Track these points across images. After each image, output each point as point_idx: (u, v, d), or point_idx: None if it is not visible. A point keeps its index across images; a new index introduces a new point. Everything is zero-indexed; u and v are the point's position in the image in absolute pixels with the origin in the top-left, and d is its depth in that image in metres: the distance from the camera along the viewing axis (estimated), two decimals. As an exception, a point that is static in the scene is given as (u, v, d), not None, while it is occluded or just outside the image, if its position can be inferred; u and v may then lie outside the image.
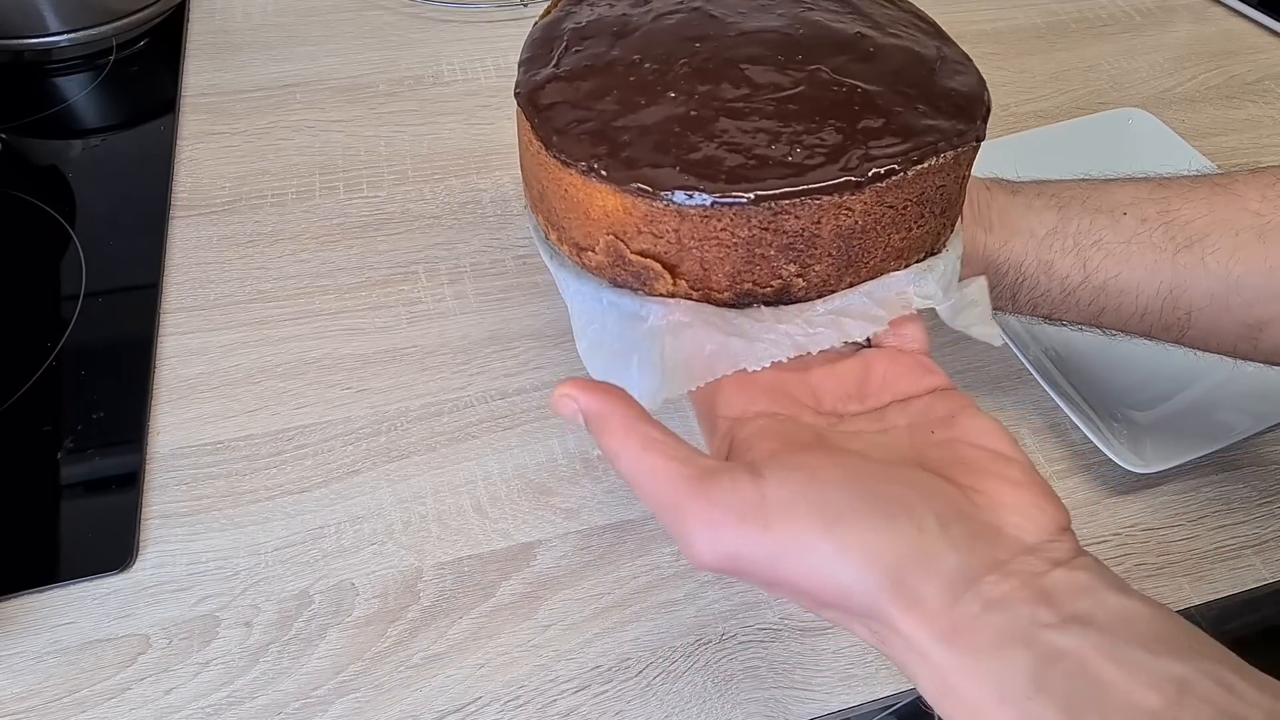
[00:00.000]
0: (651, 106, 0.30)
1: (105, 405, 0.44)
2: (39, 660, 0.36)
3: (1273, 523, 0.43)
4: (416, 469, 0.42)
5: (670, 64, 0.31)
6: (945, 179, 0.30)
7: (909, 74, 0.32)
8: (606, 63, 0.31)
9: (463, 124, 0.60)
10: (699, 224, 0.28)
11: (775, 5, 0.34)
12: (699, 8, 0.34)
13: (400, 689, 0.36)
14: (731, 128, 0.29)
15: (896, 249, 0.30)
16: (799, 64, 0.31)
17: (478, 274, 0.51)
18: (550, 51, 0.33)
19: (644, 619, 0.38)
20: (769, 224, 0.28)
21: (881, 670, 0.37)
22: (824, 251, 0.29)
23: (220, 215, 0.53)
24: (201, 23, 0.66)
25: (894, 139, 0.29)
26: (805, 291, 0.30)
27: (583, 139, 0.29)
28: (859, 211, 0.28)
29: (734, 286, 0.30)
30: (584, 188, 0.29)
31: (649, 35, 0.32)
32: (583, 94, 0.30)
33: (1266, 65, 0.69)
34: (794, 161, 0.28)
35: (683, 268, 0.29)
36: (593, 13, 0.34)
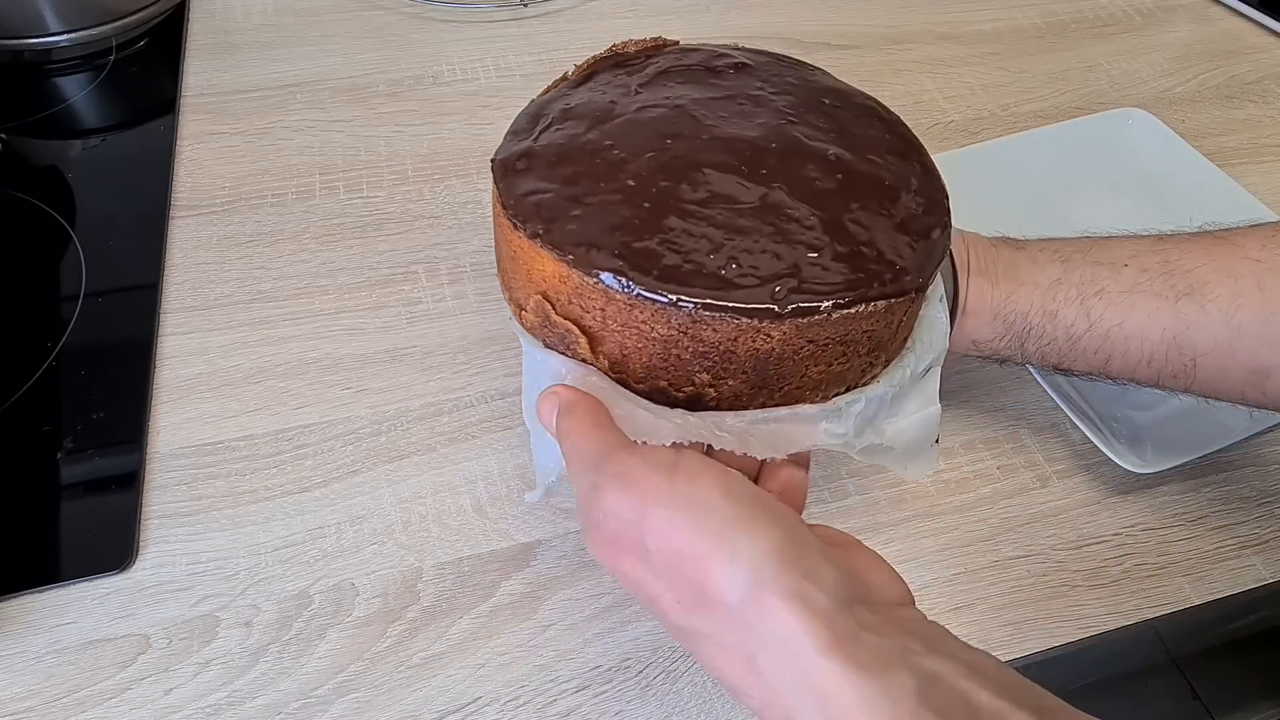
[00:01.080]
0: (610, 192, 0.31)
1: (105, 405, 0.44)
2: (39, 660, 0.36)
3: (1273, 523, 0.43)
4: (416, 469, 0.42)
5: (639, 155, 0.32)
6: (875, 324, 0.30)
7: (870, 207, 0.32)
8: (580, 145, 0.33)
9: (463, 124, 0.60)
10: (623, 309, 0.28)
11: (758, 114, 0.35)
12: (682, 106, 0.34)
13: (400, 689, 0.36)
14: (679, 228, 0.29)
15: (814, 380, 0.31)
16: (762, 178, 0.32)
17: (478, 274, 0.51)
18: (535, 127, 0.34)
19: (644, 619, 0.38)
20: (687, 329, 0.28)
21: (881, 670, 0.37)
22: (738, 369, 0.29)
23: (220, 215, 0.53)
24: (201, 23, 0.66)
25: (829, 277, 0.29)
26: (716, 403, 0.30)
27: (536, 207, 0.30)
28: (777, 339, 0.28)
29: (649, 379, 0.30)
30: (528, 250, 0.30)
31: (628, 125, 0.33)
32: (550, 169, 0.32)
33: (1266, 65, 0.69)
34: (725, 276, 0.28)
35: (604, 346, 0.30)
36: (586, 96, 0.35)
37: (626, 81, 0.36)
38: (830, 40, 0.68)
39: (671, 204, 0.30)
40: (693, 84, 0.36)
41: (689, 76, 0.36)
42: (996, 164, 0.56)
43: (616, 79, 0.36)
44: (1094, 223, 0.54)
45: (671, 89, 0.36)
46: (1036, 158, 0.56)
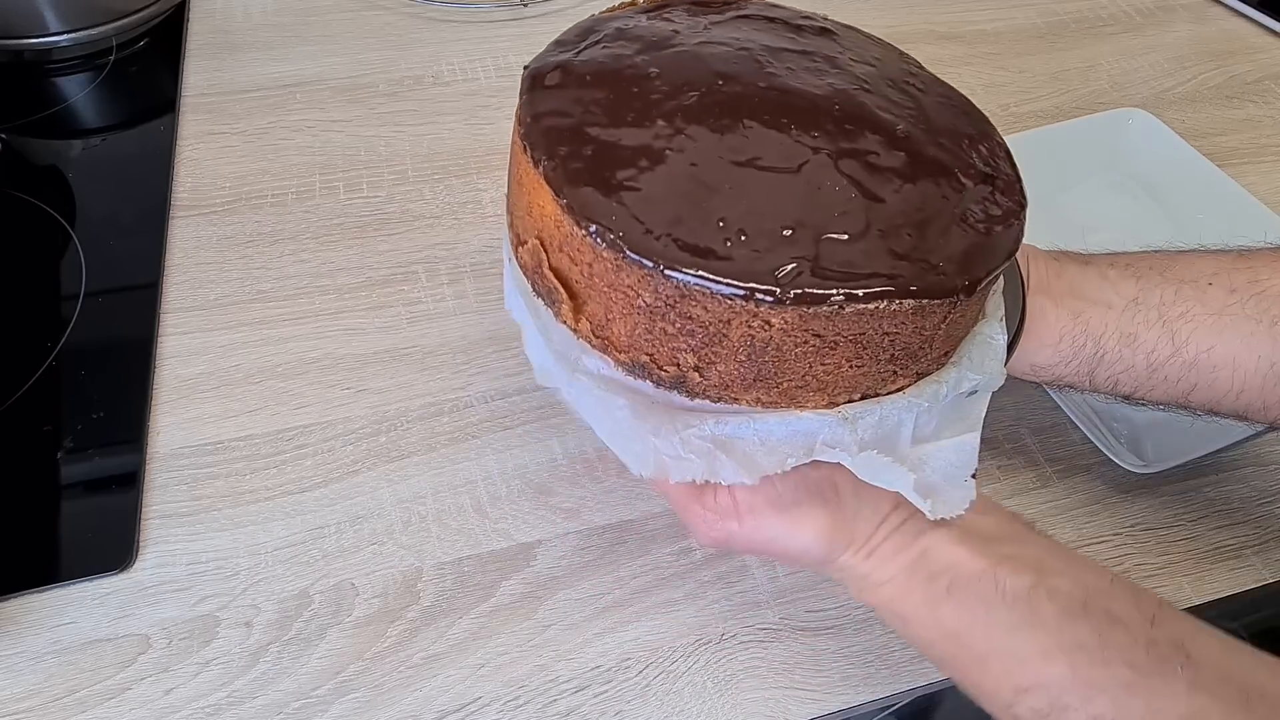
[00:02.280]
0: (634, 128, 0.27)
1: (105, 405, 0.44)
2: (39, 660, 0.36)
3: (1273, 523, 0.43)
4: (416, 469, 0.42)
5: (680, 92, 0.28)
6: (899, 327, 0.26)
7: (929, 194, 0.28)
8: (621, 67, 0.29)
9: (463, 124, 0.60)
10: (610, 269, 0.26)
11: (830, 74, 0.31)
12: (749, 50, 0.31)
13: (400, 689, 0.36)
14: (695, 183, 0.26)
15: (820, 381, 0.27)
16: (811, 142, 0.28)
17: (478, 274, 0.51)
18: (583, 40, 0.31)
19: (644, 619, 0.38)
20: (674, 302, 0.25)
21: (882, 670, 0.37)
22: (729, 354, 0.26)
23: (220, 215, 0.53)
24: (201, 23, 0.66)
25: (852, 263, 0.25)
26: (703, 390, 0.27)
27: (551, 133, 0.27)
28: (777, 327, 0.25)
29: (632, 349, 0.27)
30: (532, 179, 0.27)
31: (682, 56, 0.30)
32: (580, 89, 0.29)
33: (1266, 65, 0.69)
34: (729, 246, 0.25)
35: (589, 306, 0.27)
36: (649, 21, 0.32)
37: (698, 20, 0.33)
38: (830, 40, 0.68)
39: (698, 153, 0.27)
40: (770, 33, 0.32)
41: (769, 26, 0.33)
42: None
43: (690, 14, 0.33)
44: (1094, 223, 0.54)
45: (745, 32, 0.32)
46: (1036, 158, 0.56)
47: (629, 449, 0.28)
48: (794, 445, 0.28)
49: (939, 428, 0.29)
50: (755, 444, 0.27)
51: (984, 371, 0.30)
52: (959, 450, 0.29)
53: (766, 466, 0.27)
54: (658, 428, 0.27)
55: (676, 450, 0.27)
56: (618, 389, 0.28)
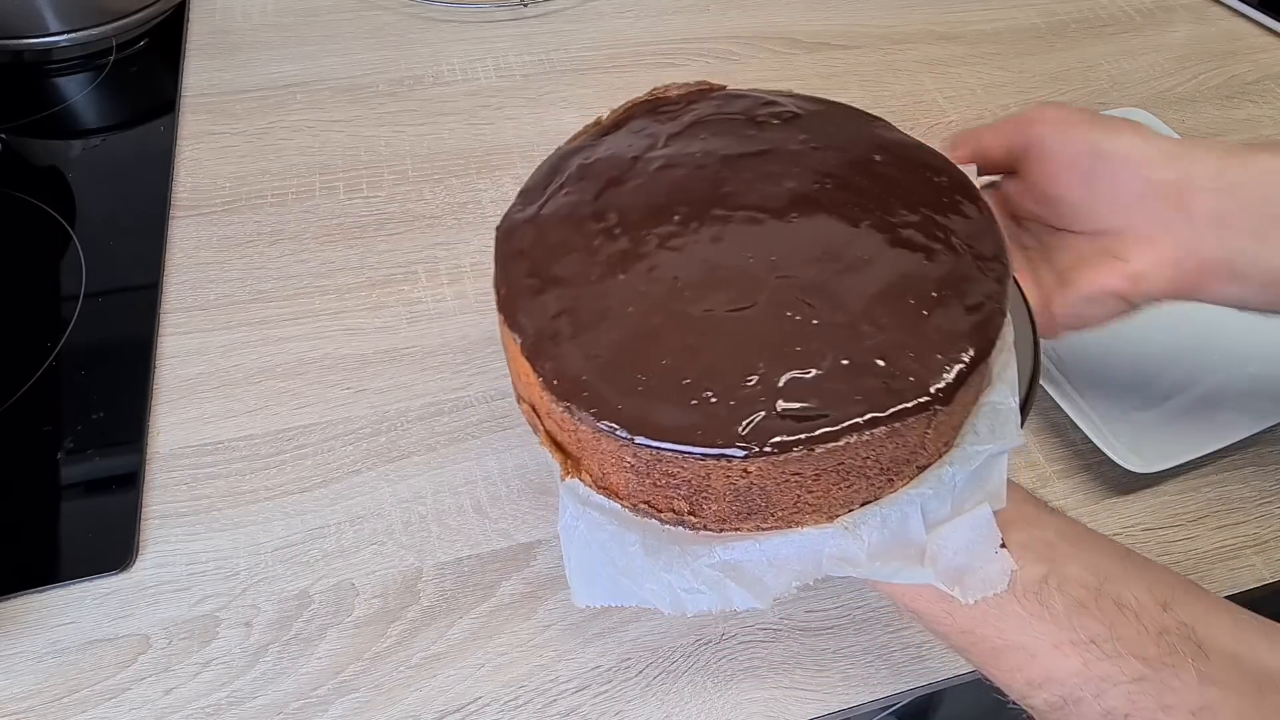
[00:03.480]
0: (598, 285, 0.28)
1: (105, 405, 0.44)
2: (39, 660, 0.36)
3: (1273, 523, 0.43)
4: (416, 469, 0.42)
5: (640, 238, 0.29)
6: (876, 450, 0.25)
7: (898, 300, 0.27)
8: (583, 217, 0.30)
9: (463, 124, 0.60)
10: (590, 437, 0.26)
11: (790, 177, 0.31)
12: (706, 167, 0.31)
13: (400, 689, 0.36)
14: (659, 340, 0.26)
15: (812, 505, 0.27)
16: (771, 267, 0.28)
17: (478, 274, 0.51)
18: (547, 186, 0.32)
19: (644, 619, 0.38)
20: (653, 464, 0.26)
21: (882, 670, 0.37)
22: (717, 498, 0.26)
23: (220, 215, 0.53)
24: (201, 23, 0.66)
25: (817, 402, 0.25)
26: (703, 526, 0.28)
27: (523, 304, 0.28)
28: (754, 474, 0.25)
29: (632, 498, 0.28)
30: (514, 349, 0.28)
31: (640, 192, 0.31)
32: (545, 250, 0.29)
33: (1266, 65, 0.69)
34: (694, 405, 0.25)
35: (585, 463, 0.28)
36: (610, 148, 0.33)
37: (657, 131, 0.33)
38: (831, 40, 0.68)
39: (661, 305, 0.27)
40: (728, 136, 0.33)
41: (726, 127, 0.33)
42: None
43: (649, 127, 0.33)
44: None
45: (702, 142, 0.32)
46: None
47: (644, 586, 0.28)
48: (801, 562, 0.27)
49: (957, 506, 0.28)
50: (764, 565, 0.27)
51: (995, 440, 0.28)
52: (974, 526, 0.27)
53: (775, 588, 0.27)
54: (670, 563, 0.28)
55: (690, 584, 0.27)
56: (629, 524, 0.28)
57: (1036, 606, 0.27)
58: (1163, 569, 0.28)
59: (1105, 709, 0.25)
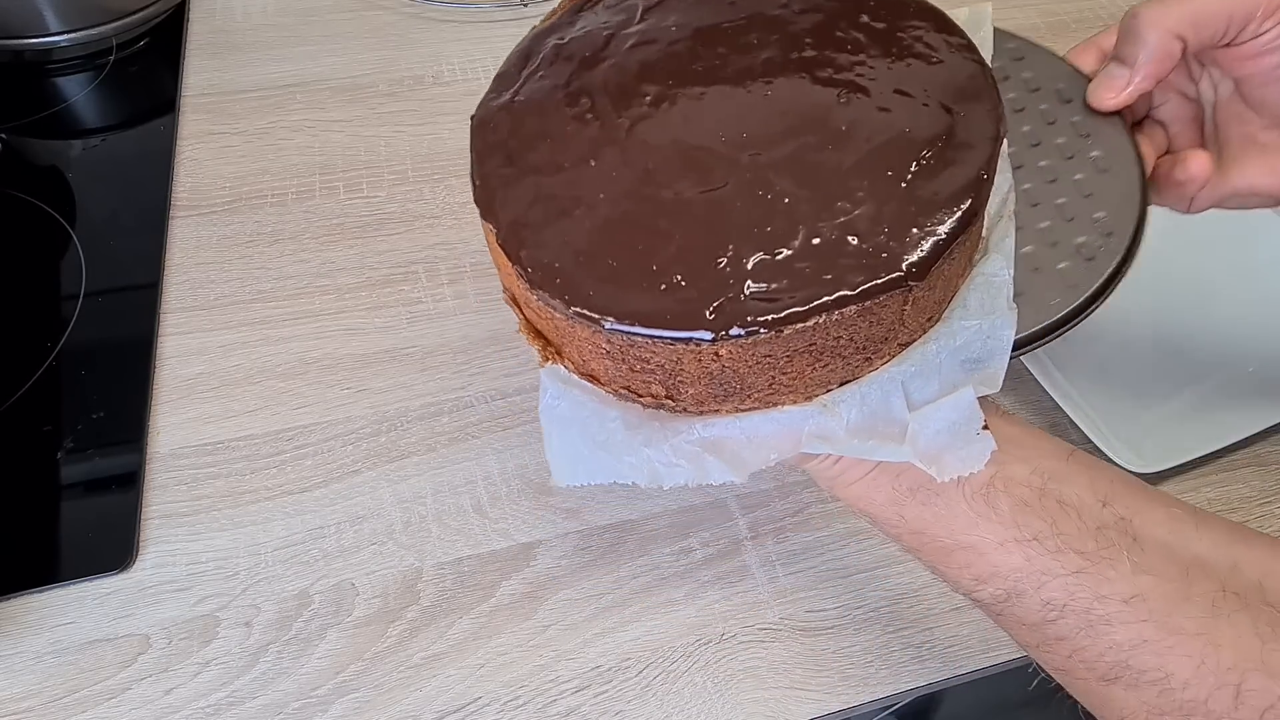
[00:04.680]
0: (572, 172, 0.28)
1: (105, 405, 0.44)
2: (39, 660, 0.36)
3: (1273, 523, 0.43)
4: (416, 469, 0.42)
5: (613, 120, 0.29)
6: (847, 329, 0.25)
7: (877, 170, 0.26)
8: (557, 101, 0.30)
9: (463, 124, 0.59)
10: (565, 324, 0.26)
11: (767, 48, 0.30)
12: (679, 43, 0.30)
13: (400, 689, 0.36)
14: (632, 222, 0.26)
15: (788, 386, 0.27)
16: (744, 145, 0.27)
17: (478, 274, 0.51)
18: (521, 70, 0.31)
19: (644, 619, 0.38)
20: (627, 349, 0.26)
21: (882, 670, 0.37)
22: (692, 381, 0.26)
23: (220, 215, 0.53)
24: (201, 23, 0.66)
25: (786, 283, 0.24)
26: (682, 409, 0.28)
27: (497, 194, 0.28)
28: (725, 358, 0.25)
29: (612, 383, 0.28)
30: (491, 240, 0.28)
31: (613, 72, 0.30)
32: (519, 136, 0.29)
33: (1266, 65, 0.69)
34: (664, 289, 0.25)
35: (566, 350, 0.28)
36: (585, 25, 0.32)
37: (634, 4, 0.32)
38: (830, 40, 0.68)
39: (633, 190, 0.27)
40: (705, 6, 0.31)
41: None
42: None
43: (625, 1, 0.32)
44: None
45: (678, 14, 0.31)
46: (1036, 158, 0.56)
47: (623, 460, 0.28)
48: (779, 439, 0.28)
49: (945, 385, 0.28)
50: (743, 442, 0.28)
51: (985, 315, 0.27)
52: (956, 406, 0.27)
53: (753, 463, 0.28)
54: (650, 438, 0.28)
55: (668, 458, 0.28)
56: (611, 404, 0.29)
57: (984, 506, 0.28)
58: (1105, 466, 0.29)
59: (1045, 600, 0.27)
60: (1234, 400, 0.45)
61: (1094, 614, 0.26)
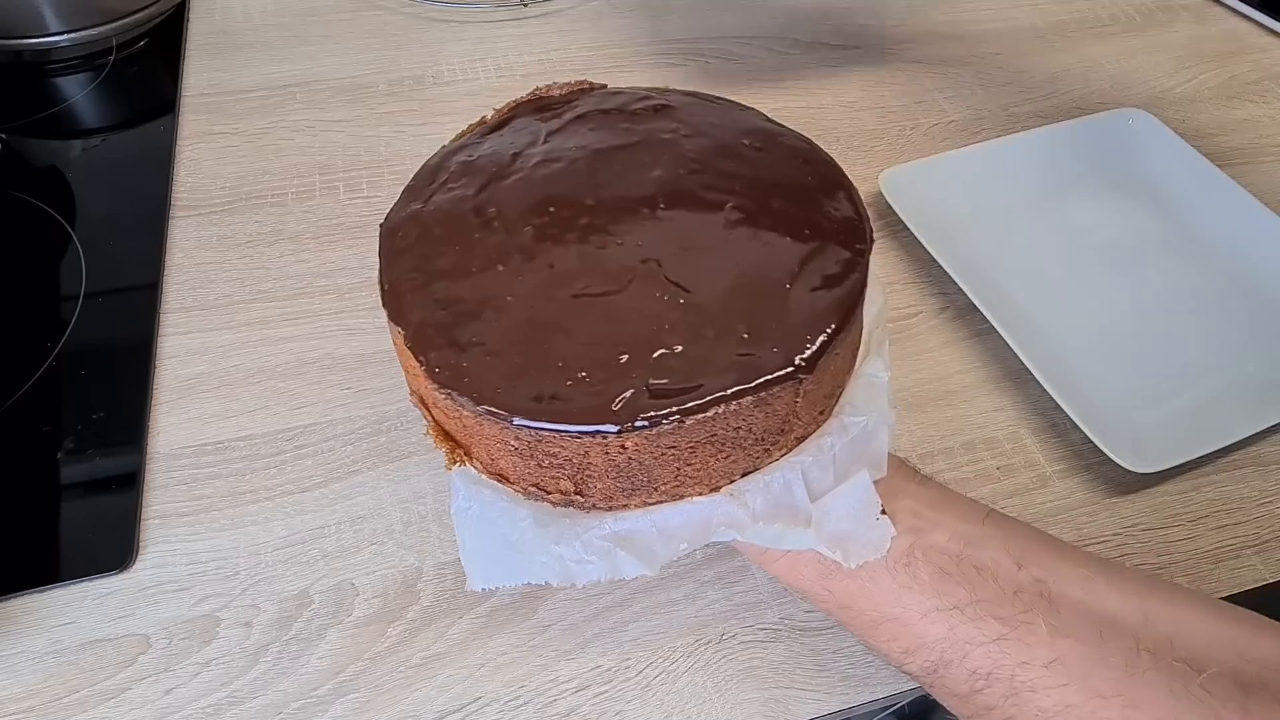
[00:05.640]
0: (477, 277, 0.29)
1: (105, 405, 0.44)
2: (39, 660, 0.36)
3: (1273, 523, 0.43)
4: (416, 469, 0.42)
5: (516, 230, 0.30)
6: (745, 420, 0.26)
7: (762, 274, 0.28)
8: (464, 212, 0.31)
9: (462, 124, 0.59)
10: (473, 421, 0.27)
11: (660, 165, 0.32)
12: (580, 161, 0.32)
13: (400, 689, 0.36)
14: (536, 323, 0.27)
15: (693, 477, 0.27)
16: (638, 250, 0.29)
17: (478, 274, 0.51)
18: (430, 184, 0.33)
19: (644, 619, 0.38)
20: (535, 445, 0.26)
21: (882, 670, 0.37)
22: (600, 474, 0.27)
23: (220, 215, 0.53)
24: (201, 23, 0.66)
25: (683, 375, 0.26)
26: (592, 505, 0.28)
27: (405, 298, 0.29)
28: (631, 450, 0.26)
29: (521, 481, 0.29)
30: (399, 342, 0.28)
31: (518, 187, 0.32)
32: (427, 245, 0.30)
33: (1266, 65, 0.69)
34: (569, 385, 0.26)
35: (474, 450, 0.29)
36: (494, 145, 0.34)
37: (539, 128, 0.34)
38: (830, 40, 0.68)
39: (537, 293, 0.28)
40: (604, 130, 0.34)
41: (603, 121, 0.34)
42: (996, 164, 0.56)
43: (531, 125, 0.35)
44: (1094, 222, 0.54)
45: (580, 137, 0.33)
46: (1036, 158, 0.56)
47: (535, 560, 0.28)
48: (689, 530, 0.28)
49: (839, 474, 0.29)
50: (653, 535, 0.28)
51: (869, 412, 0.29)
52: (854, 491, 0.28)
53: (664, 555, 0.28)
54: (560, 535, 0.28)
55: (580, 554, 0.28)
56: (521, 503, 0.29)
57: (905, 577, 0.28)
58: (1021, 525, 0.29)
59: (971, 669, 0.27)
60: (1234, 400, 0.45)
61: (1018, 681, 0.26)
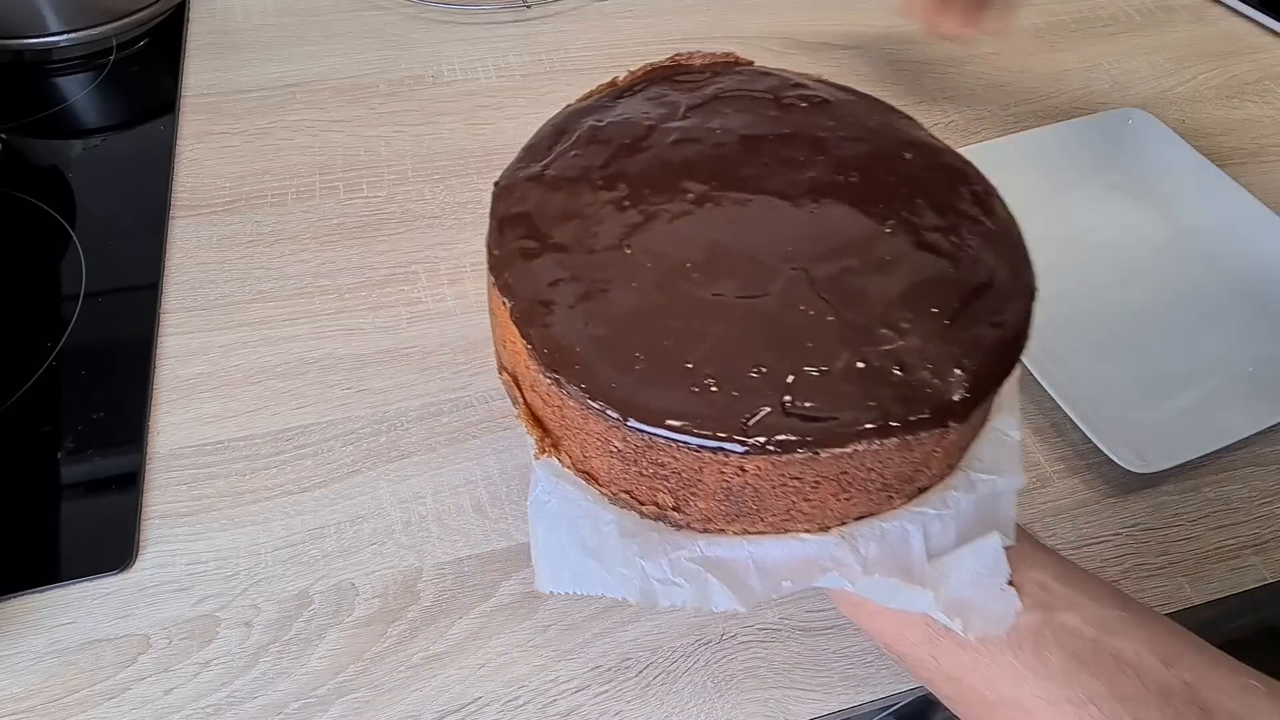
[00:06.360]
0: (602, 256, 0.26)
1: (105, 405, 0.44)
2: (39, 660, 0.36)
3: (1273, 523, 0.43)
4: (416, 469, 0.42)
5: (649, 212, 0.27)
6: (882, 461, 0.24)
7: (919, 303, 0.25)
8: (590, 182, 0.28)
9: (463, 124, 0.60)
10: (577, 415, 0.24)
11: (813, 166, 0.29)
12: (725, 145, 0.29)
13: (400, 689, 0.36)
14: (664, 319, 0.25)
15: (806, 514, 0.25)
16: (785, 256, 0.26)
17: (478, 274, 0.51)
18: (552, 146, 0.30)
19: (644, 619, 0.38)
20: (643, 451, 0.24)
21: (882, 670, 0.37)
22: (707, 494, 0.25)
23: (220, 215, 0.53)
24: (201, 23, 0.66)
25: (826, 402, 0.23)
26: (686, 524, 0.26)
27: (518, 267, 0.26)
28: (750, 474, 0.23)
29: (612, 484, 0.26)
30: (503, 315, 0.26)
31: (652, 163, 0.29)
32: (547, 213, 0.28)
33: (1266, 65, 0.69)
34: (695, 393, 0.23)
35: (565, 443, 0.26)
36: (624, 112, 0.31)
37: (676, 100, 0.31)
38: (831, 40, 0.68)
39: (667, 284, 0.25)
40: (750, 114, 0.31)
41: (749, 105, 0.31)
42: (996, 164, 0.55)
43: (668, 95, 0.31)
44: (1094, 223, 0.54)
45: (724, 118, 0.30)
46: (1036, 158, 0.56)
47: (614, 570, 0.26)
48: (791, 569, 0.26)
49: (960, 537, 0.26)
50: (749, 567, 0.26)
51: (998, 472, 0.26)
52: (980, 554, 0.25)
53: (761, 592, 0.25)
54: (647, 549, 0.26)
55: (666, 574, 0.25)
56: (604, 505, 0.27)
57: (1032, 659, 0.25)
58: (1162, 618, 0.26)
59: None
60: (1234, 400, 0.45)
61: None
